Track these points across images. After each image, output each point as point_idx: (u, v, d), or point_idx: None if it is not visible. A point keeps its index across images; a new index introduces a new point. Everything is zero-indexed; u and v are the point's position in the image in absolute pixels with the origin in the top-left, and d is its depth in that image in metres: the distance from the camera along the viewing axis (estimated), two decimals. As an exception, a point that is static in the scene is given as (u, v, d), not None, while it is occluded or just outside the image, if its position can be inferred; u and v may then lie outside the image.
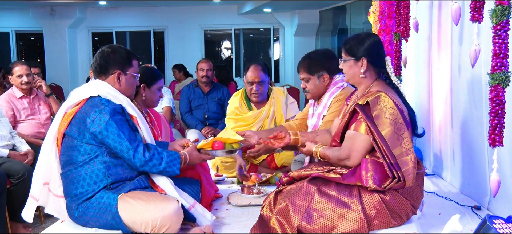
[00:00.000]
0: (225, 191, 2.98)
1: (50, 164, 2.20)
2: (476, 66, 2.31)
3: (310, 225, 1.98)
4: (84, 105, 2.14)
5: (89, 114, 2.07)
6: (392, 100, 2.04)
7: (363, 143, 2.06)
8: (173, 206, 2.03)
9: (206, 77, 4.73)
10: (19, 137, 3.63)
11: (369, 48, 2.15)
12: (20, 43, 10.91)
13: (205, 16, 10.10)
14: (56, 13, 9.63)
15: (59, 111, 2.23)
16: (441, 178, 3.34)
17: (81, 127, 2.08)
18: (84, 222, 2.11)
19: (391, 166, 1.98)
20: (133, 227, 2.03)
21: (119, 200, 2.03)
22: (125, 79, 2.24)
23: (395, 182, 1.98)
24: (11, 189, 3.27)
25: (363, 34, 2.24)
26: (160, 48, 10.69)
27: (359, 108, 2.07)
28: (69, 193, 2.13)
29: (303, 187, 2.08)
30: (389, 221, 2.02)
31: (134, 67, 2.28)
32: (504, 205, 2.34)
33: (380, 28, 3.97)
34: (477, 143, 2.67)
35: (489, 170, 2.26)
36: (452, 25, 2.93)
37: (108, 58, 2.22)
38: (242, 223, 2.42)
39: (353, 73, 2.21)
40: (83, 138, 2.08)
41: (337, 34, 9.92)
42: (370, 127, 2.02)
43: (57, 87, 8.60)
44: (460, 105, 2.93)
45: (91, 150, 2.09)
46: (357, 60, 2.18)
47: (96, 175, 2.09)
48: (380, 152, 2.00)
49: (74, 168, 2.10)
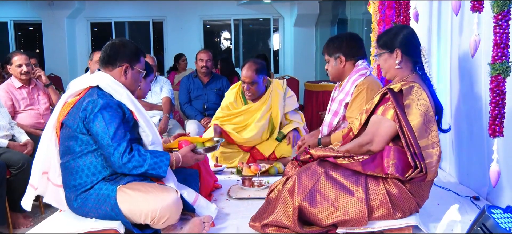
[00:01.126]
0: (224, 182, 2.98)
1: (49, 153, 2.19)
2: (476, 57, 2.30)
3: (312, 207, 1.99)
4: (84, 96, 2.13)
5: (83, 103, 2.07)
6: (425, 93, 2.05)
7: (388, 129, 2.06)
8: (172, 197, 2.02)
9: (205, 67, 4.71)
10: (18, 127, 3.62)
11: (403, 39, 2.17)
12: (19, 34, 10.85)
13: (204, 7, 10.05)
14: (54, 3, 9.57)
15: (59, 101, 2.23)
16: (440, 168, 3.34)
17: (77, 116, 2.08)
18: (83, 212, 2.11)
19: (414, 155, 1.98)
20: (132, 218, 2.03)
21: (117, 192, 2.03)
22: (131, 73, 2.25)
23: (417, 172, 1.98)
24: (11, 179, 3.27)
25: (396, 27, 2.27)
26: (159, 39, 10.64)
27: (392, 94, 2.07)
28: (68, 183, 2.13)
29: (311, 167, 2.10)
30: (390, 215, 2.03)
31: (141, 63, 2.30)
32: (502, 195, 2.35)
33: (379, 18, 3.95)
34: (476, 133, 2.67)
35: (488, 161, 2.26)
36: (452, 15, 2.92)
37: (118, 50, 2.23)
38: (241, 213, 2.42)
39: (389, 66, 2.22)
40: (77, 128, 2.07)
41: (336, 25, 9.88)
42: (399, 114, 2.02)
43: (56, 77, 8.57)
44: (460, 96, 2.92)
45: (88, 142, 2.08)
46: (391, 52, 2.19)
47: (94, 166, 2.09)
48: (405, 141, 2.00)
49: (72, 158, 2.09)
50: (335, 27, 9.97)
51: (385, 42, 2.21)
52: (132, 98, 2.21)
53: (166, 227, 2.07)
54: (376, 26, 4.12)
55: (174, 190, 2.09)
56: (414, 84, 2.07)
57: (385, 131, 2.07)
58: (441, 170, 3.31)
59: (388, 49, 2.20)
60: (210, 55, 4.78)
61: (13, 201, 3.33)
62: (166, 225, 2.05)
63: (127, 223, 2.03)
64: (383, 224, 2.04)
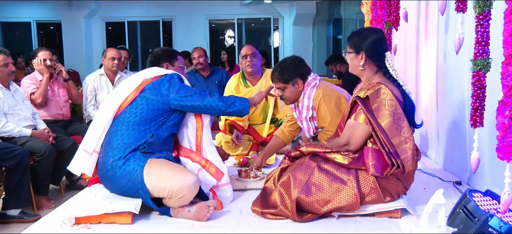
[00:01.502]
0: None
1: (106, 117, 2.24)
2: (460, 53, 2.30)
3: (308, 197, 2.00)
4: (162, 77, 2.30)
5: (164, 83, 2.26)
6: (392, 92, 2.03)
7: (362, 132, 2.06)
8: (192, 178, 2.06)
9: (199, 64, 4.78)
10: (40, 119, 3.66)
11: (369, 44, 2.11)
12: (41, 33, 10.87)
13: (210, 7, 10.02)
14: (73, 4, 9.58)
15: (134, 80, 2.31)
16: (426, 156, 3.35)
17: (154, 91, 2.24)
18: (108, 184, 2.18)
19: (390, 154, 1.98)
20: (152, 191, 2.06)
21: (146, 165, 2.06)
22: (173, 69, 2.46)
23: (395, 169, 1.98)
24: (34, 166, 3.30)
25: (367, 30, 2.21)
26: (168, 37, 10.63)
27: (359, 101, 2.06)
28: (107, 145, 2.18)
29: (304, 162, 2.10)
30: (380, 199, 2.04)
31: (179, 60, 2.55)
32: (482, 180, 2.36)
33: (372, 18, 3.94)
34: (459, 124, 2.67)
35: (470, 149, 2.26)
36: (438, 15, 2.91)
37: (158, 55, 2.51)
38: (244, 197, 2.41)
39: (354, 65, 2.19)
40: (154, 98, 2.22)
41: (332, 24, 9.85)
42: (369, 118, 2.00)
43: (74, 72, 8.59)
44: (445, 89, 2.92)
45: (159, 109, 2.22)
46: (357, 53, 2.15)
47: (132, 135, 2.16)
48: (379, 142, 1.99)
49: (129, 124, 2.19)
50: (330, 26, 9.95)
51: (354, 42, 2.16)
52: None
53: (176, 210, 2.09)
54: (368, 25, 4.10)
55: (195, 175, 2.13)
56: (380, 86, 2.04)
57: (360, 134, 2.07)
58: (427, 158, 3.31)
59: (355, 50, 2.16)
60: (201, 51, 4.84)
61: (37, 185, 3.36)
62: (180, 204, 2.06)
63: (144, 196, 2.04)
64: (374, 208, 2.06)
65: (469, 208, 1.72)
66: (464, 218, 1.72)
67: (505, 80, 1.66)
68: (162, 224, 2.06)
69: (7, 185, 3.13)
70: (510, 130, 1.64)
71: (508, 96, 1.65)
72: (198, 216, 2.07)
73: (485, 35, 1.90)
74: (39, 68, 3.84)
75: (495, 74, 1.85)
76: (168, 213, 2.12)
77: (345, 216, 2.06)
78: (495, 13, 1.88)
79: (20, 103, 3.48)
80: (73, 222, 2.02)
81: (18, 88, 3.59)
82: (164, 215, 2.13)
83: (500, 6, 1.78)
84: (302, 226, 2.00)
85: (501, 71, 1.69)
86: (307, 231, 1.96)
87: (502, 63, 1.69)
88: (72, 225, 2.01)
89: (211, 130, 2.46)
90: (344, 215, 2.05)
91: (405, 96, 2.11)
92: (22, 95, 3.60)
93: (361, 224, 2.00)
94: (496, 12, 1.87)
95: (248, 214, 2.16)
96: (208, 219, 2.07)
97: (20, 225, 3.06)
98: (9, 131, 3.28)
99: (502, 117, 1.66)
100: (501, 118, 1.66)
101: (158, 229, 2.01)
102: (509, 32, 1.64)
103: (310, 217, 2.03)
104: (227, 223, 2.06)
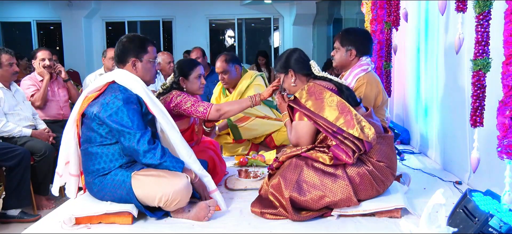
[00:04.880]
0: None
1: (69, 144, 2.20)
2: (460, 53, 2.30)
3: (301, 196, 2.01)
4: (105, 90, 2.13)
5: (105, 98, 2.07)
6: (318, 84, 2.17)
7: (303, 127, 2.18)
8: (183, 182, 2.03)
9: None
10: (40, 119, 3.66)
11: (293, 62, 2.31)
12: (41, 32, 10.85)
13: (210, 6, 10.01)
14: (73, 4, 9.57)
15: (80, 96, 2.22)
16: (426, 156, 3.35)
17: (99, 109, 2.06)
18: (101, 196, 2.13)
19: (335, 133, 2.04)
20: (146, 201, 2.04)
21: (132, 178, 2.04)
22: (140, 65, 2.20)
23: (358, 151, 2.01)
24: (34, 166, 3.30)
25: (286, 52, 2.38)
26: (169, 37, 10.62)
27: (292, 103, 2.20)
28: (87, 168, 2.14)
29: (292, 162, 2.12)
30: (372, 186, 2.06)
31: (150, 53, 2.23)
32: (482, 180, 2.36)
33: (372, 17, 3.94)
34: (459, 124, 2.67)
35: (470, 149, 2.26)
36: (438, 15, 2.91)
37: (124, 47, 2.21)
38: (244, 198, 2.40)
39: (288, 84, 2.35)
40: (98, 120, 2.06)
41: (332, 24, 9.85)
42: (303, 112, 2.13)
43: (74, 72, 8.59)
44: (445, 89, 2.92)
45: (107, 135, 2.07)
46: (287, 73, 2.33)
47: (112, 154, 2.10)
48: (322, 128, 2.09)
49: (91, 147, 2.11)
50: (330, 26, 9.94)
51: (281, 66, 2.35)
52: (146, 90, 2.16)
53: (176, 210, 2.09)
54: (369, 25, 4.11)
55: (185, 175, 2.09)
56: (306, 85, 2.19)
57: (303, 130, 2.18)
58: (427, 158, 3.31)
59: (284, 71, 2.34)
60: (198, 51, 4.90)
61: (37, 185, 3.36)
62: (177, 208, 2.06)
63: (140, 207, 2.05)
64: (374, 207, 2.06)
65: (469, 208, 1.72)
66: (464, 218, 1.72)
67: (505, 80, 1.66)
68: (162, 224, 2.06)
69: (7, 185, 3.13)
70: (510, 129, 1.64)
71: (508, 96, 1.65)
72: (199, 216, 2.07)
73: (485, 35, 1.90)
74: (39, 71, 3.85)
75: (495, 74, 1.85)
76: (168, 214, 2.12)
77: (345, 216, 2.06)
78: (495, 13, 1.88)
79: (20, 103, 3.48)
80: (73, 222, 2.02)
81: (18, 89, 3.59)
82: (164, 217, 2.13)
83: (500, 6, 1.78)
84: (302, 226, 2.00)
85: (501, 71, 1.69)
86: (307, 231, 1.96)
87: (502, 63, 1.69)
88: (72, 225, 2.02)
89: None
90: (344, 215, 2.05)
91: (341, 85, 2.25)
92: (23, 95, 3.60)
93: (361, 224, 2.00)
94: (496, 12, 1.87)
95: (248, 214, 2.16)
96: (208, 219, 2.07)
97: (20, 225, 3.06)
98: (10, 130, 3.28)
99: (502, 117, 1.66)
100: (502, 118, 1.67)
101: (158, 229, 2.01)
102: (509, 32, 1.64)
103: (309, 215, 2.04)
104: (227, 223, 2.06)
